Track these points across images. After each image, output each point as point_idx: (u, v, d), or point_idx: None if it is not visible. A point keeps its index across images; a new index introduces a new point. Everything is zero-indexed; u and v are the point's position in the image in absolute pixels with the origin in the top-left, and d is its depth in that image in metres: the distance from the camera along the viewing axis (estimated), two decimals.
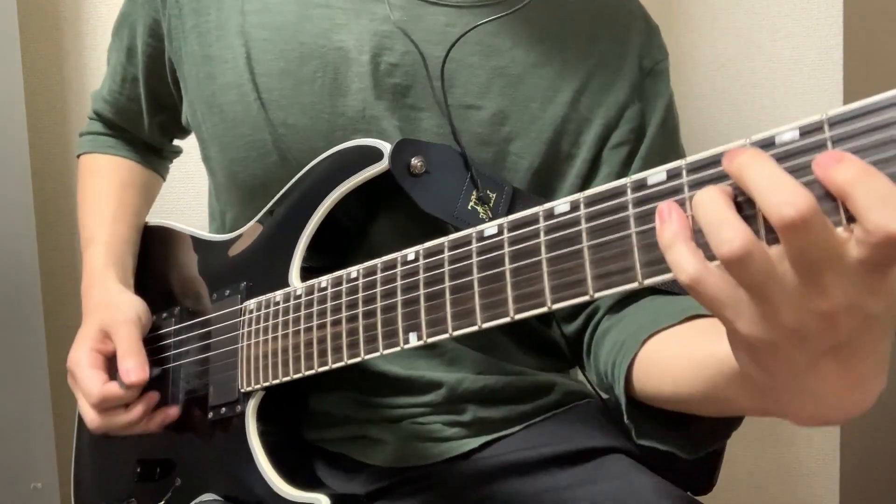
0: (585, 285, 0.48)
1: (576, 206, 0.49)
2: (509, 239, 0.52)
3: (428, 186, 0.68)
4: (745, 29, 1.29)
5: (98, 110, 0.93)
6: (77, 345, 0.76)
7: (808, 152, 0.39)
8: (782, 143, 0.40)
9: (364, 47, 0.72)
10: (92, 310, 0.79)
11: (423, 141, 0.69)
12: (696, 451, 0.59)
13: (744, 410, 0.50)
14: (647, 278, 0.45)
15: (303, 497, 0.66)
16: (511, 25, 0.72)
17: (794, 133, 0.40)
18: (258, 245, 0.75)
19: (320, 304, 0.65)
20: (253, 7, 0.74)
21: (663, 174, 0.45)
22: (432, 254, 0.57)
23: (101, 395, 0.71)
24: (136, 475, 0.79)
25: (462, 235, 0.56)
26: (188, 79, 0.77)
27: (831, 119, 0.39)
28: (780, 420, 0.41)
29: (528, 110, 0.74)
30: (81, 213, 0.89)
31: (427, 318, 0.57)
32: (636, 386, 0.61)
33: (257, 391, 0.70)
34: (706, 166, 0.43)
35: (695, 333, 0.58)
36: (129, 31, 0.84)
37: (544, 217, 0.51)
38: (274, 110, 0.72)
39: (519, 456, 0.73)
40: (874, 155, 0.37)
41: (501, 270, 0.52)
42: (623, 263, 0.46)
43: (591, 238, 0.48)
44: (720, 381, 0.48)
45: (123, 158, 0.92)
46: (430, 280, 0.57)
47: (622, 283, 0.46)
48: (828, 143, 0.39)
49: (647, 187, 0.45)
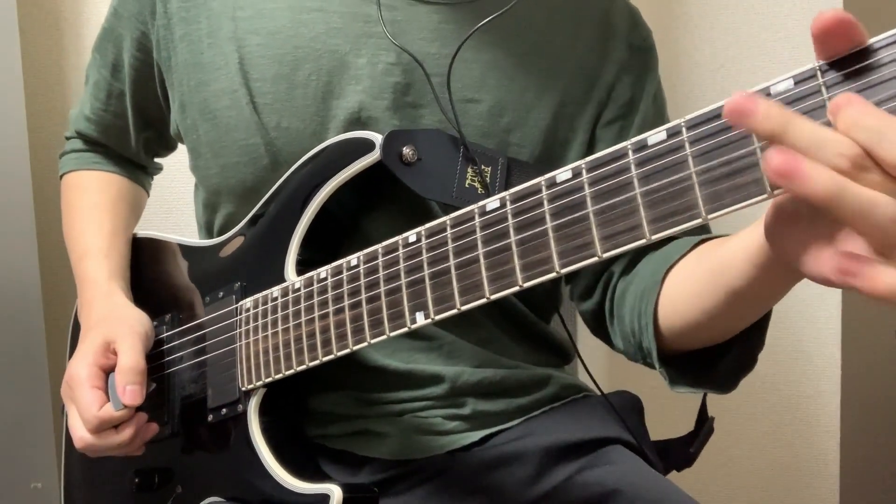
0: (593, 247, 0.48)
1: (577, 172, 0.50)
2: (513, 211, 0.53)
3: (423, 173, 0.68)
4: (745, 29, 1.29)
5: (81, 130, 0.90)
6: (79, 358, 0.73)
7: (808, 98, 0.40)
8: (777, 94, 0.42)
9: (361, 50, 0.72)
10: (96, 322, 0.77)
11: (412, 129, 0.70)
12: (728, 387, 0.64)
13: (763, 292, 0.55)
14: (655, 234, 0.46)
15: (314, 489, 0.66)
16: (500, 18, 0.72)
17: (789, 83, 0.41)
18: (250, 245, 0.75)
19: (321, 294, 0.65)
20: (245, 14, 0.74)
21: (663, 133, 0.46)
22: (434, 233, 0.58)
23: (98, 420, 0.70)
24: (134, 486, 0.78)
25: (464, 212, 0.56)
26: (178, 88, 0.77)
27: (822, 66, 0.40)
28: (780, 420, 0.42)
29: (525, 100, 0.75)
30: (72, 228, 0.87)
31: (433, 295, 0.57)
32: (664, 325, 0.64)
33: (258, 388, 0.70)
34: (706, 122, 0.44)
35: (706, 250, 0.63)
36: (114, 47, 0.83)
37: (547, 186, 0.51)
38: (267, 114, 0.72)
39: (519, 448, 0.74)
40: (870, 97, 0.38)
41: (507, 242, 0.53)
42: (630, 222, 0.47)
43: (595, 202, 0.49)
44: (742, 272, 0.54)
45: (111, 173, 0.90)
46: (433, 259, 0.57)
47: (631, 241, 0.47)
48: (822, 89, 0.40)
49: (647, 147, 0.47)
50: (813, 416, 1.37)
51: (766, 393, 1.37)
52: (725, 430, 1.42)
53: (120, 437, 0.71)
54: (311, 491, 0.65)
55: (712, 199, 0.44)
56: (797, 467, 1.38)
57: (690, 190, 0.45)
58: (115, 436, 0.71)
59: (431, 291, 0.57)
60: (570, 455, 0.74)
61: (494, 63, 0.74)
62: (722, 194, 0.43)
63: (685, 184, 0.45)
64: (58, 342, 1.22)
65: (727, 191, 0.43)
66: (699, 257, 0.63)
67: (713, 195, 0.44)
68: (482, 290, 0.54)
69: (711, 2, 1.29)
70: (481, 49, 0.74)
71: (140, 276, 0.85)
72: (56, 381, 1.19)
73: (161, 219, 1.23)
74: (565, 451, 0.74)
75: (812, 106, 0.40)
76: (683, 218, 0.45)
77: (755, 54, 1.28)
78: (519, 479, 0.73)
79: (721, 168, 0.43)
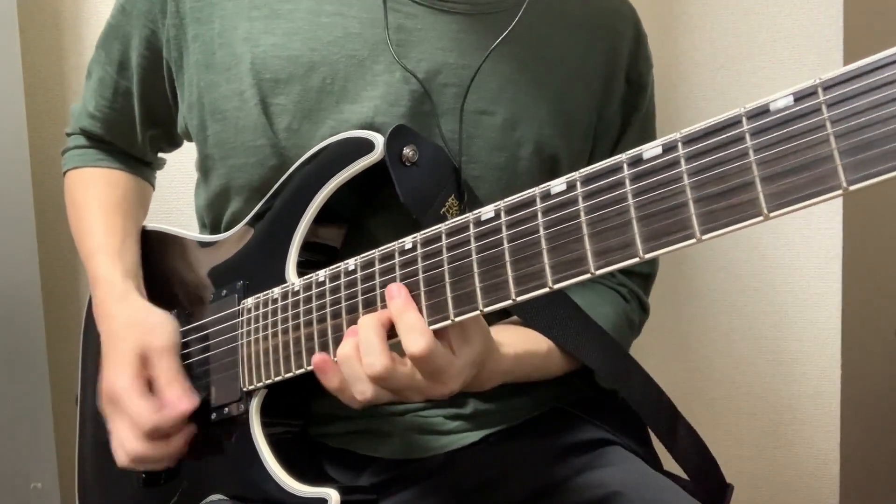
0: (586, 263, 0.48)
1: (572, 185, 0.49)
2: (507, 222, 0.53)
3: (412, 179, 0.68)
4: (745, 29, 1.29)
5: (85, 127, 0.89)
6: (118, 371, 0.73)
7: (804, 118, 0.40)
8: (777, 111, 0.41)
9: (379, 56, 0.72)
10: (121, 329, 0.76)
11: (420, 134, 0.70)
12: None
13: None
14: (649, 253, 0.45)
15: (312, 492, 0.66)
16: (519, 33, 0.72)
17: (789, 99, 0.41)
18: (253, 243, 0.75)
19: (319, 298, 0.65)
20: (261, 13, 0.73)
21: (659, 148, 0.45)
22: (430, 241, 0.58)
23: (155, 424, 0.70)
24: (141, 480, 0.79)
25: (459, 221, 0.56)
26: (188, 87, 0.77)
27: (825, 83, 0.39)
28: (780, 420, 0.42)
29: (538, 116, 0.75)
30: (80, 226, 0.86)
31: (427, 304, 0.57)
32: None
33: (260, 389, 0.70)
34: (700, 138, 0.44)
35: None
36: (121, 44, 0.82)
37: (541, 198, 0.51)
38: (277, 115, 0.71)
39: (521, 448, 0.74)
40: (869, 114, 0.38)
41: (500, 252, 0.53)
42: (623, 238, 0.46)
43: (589, 215, 0.48)
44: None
45: (117, 170, 0.90)
46: (428, 267, 0.57)
47: (624, 258, 0.47)
48: (822, 108, 0.39)
49: (643, 162, 0.46)
50: (813, 416, 1.37)
51: (766, 393, 1.37)
52: (725, 429, 1.42)
53: (170, 447, 0.72)
54: (308, 494, 0.66)
55: (707, 218, 0.43)
56: (797, 467, 1.38)
57: (685, 208, 0.44)
58: (166, 446, 0.71)
59: (426, 300, 0.57)
60: (571, 455, 0.74)
61: (511, 77, 0.74)
62: (717, 214, 0.43)
63: (679, 200, 0.44)
64: (58, 342, 1.22)
65: (722, 210, 0.42)
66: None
67: (708, 214, 0.43)
68: (475, 302, 0.54)
69: (711, 2, 1.29)
70: (500, 61, 0.73)
71: (149, 270, 0.85)
72: (56, 381, 1.19)
73: (161, 219, 1.22)
74: (566, 451, 0.74)
75: (811, 126, 0.40)
76: (677, 238, 0.44)
77: (755, 54, 1.28)
78: (518, 479, 0.73)
79: (716, 185, 0.43)
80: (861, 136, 0.38)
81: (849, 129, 0.39)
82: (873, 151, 0.38)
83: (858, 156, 0.38)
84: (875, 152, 0.38)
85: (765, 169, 0.41)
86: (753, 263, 1.34)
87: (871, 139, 0.38)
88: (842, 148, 0.39)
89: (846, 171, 0.39)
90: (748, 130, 0.42)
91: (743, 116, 0.43)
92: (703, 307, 1.36)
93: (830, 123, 0.39)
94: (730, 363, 1.37)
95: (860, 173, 0.38)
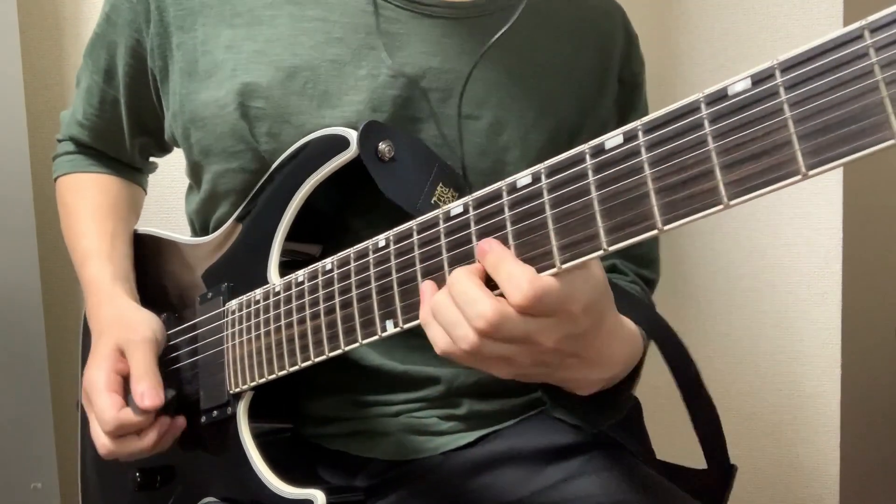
0: (552, 257, 0.48)
1: (537, 177, 0.49)
2: (475, 217, 0.52)
3: (394, 174, 0.68)
4: (745, 29, 1.29)
5: (74, 135, 0.89)
6: (94, 365, 0.74)
7: (762, 101, 0.39)
8: (735, 94, 0.41)
9: (362, 61, 0.71)
10: (105, 328, 0.76)
11: (391, 127, 0.69)
12: (593, 424, 0.70)
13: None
14: (612, 245, 0.45)
15: (298, 494, 0.66)
16: (505, 37, 0.72)
17: (747, 82, 0.40)
18: (236, 245, 0.75)
19: (298, 299, 0.65)
20: (243, 20, 0.73)
21: (620, 137, 0.45)
22: (402, 238, 0.57)
23: (117, 422, 0.70)
24: (136, 484, 0.79)
25: (430, 217, 0.56)
26: (172, 96, 0.76)
27: (782, 64, 0.39)
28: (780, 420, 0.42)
29: (525, 121, 0.75)
30: (72, 232, 0.86)
31: (402, 303, 0.56)
32: None
33: (246, 391, 0.70)
34: (661, 126, 0.44)
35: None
36: (107, 53, 0.82)
37: (507, 192, 0.51)
38: (257, 120, 0.71)
39: (513, 449, 0.74)
40: (827, 96, 0.37)
41: (469, 248, 0.52)
42: (588, 231, 0.46)
43: (553, 208, 0.48)
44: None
45: (108, 175, 0.90)
46: (401, 265, 0.57)
47: (589, 251, 0.46)
48: (780, 90, 0.39)
49: (604, 152, 0.46)
50: (813, 416, 1.37)
51: (766, 393, 1.37)
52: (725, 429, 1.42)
53: (142, 442, 0.71)
54: (295, 496, 0.66)
55: (668, 208, 0.43)
56: (797, 467, 1.38)
57: (646, 198, 0.44)
58: (137, 442, 0.71)
59: (400, 300, 0.56)
60: (562, 457, 0.73)
61: (498, 81, 0.74)
62: (678, 204, 0.42)
63: (640, 191, 0.44)
64: (58, 342, 1.22)
65: (682, 200, 0.42)
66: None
67: (669, 205, 0.43)
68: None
69: (711, 2, 1.29)
70: (486, 66, 0.73)
71: (140, 273, 0.85)
72: (56, 381, 1.19)
73: (161, 219, 1.23)
74: (558, 454, 0.73)
75: (769, 110, 0.39)
76: (639, 229, 0.44)
77: (755, 54, 1.28)
78: (510, 479, 0.72)
79: (677, 175, 0.42)
80: (819, 120, 0.37)
81: (807, 113, 0.38)
82: (831, 135, 0.37)
83: (817, 140, 0.38)
84: (833, 136, 0.37)
85: (724, 157, 0.41)
86: (753, 263, 1.34)
87: (828, 122, 0.37)
88: (800, 133, 0.38)
89: (805, 156, 0.38)
90: (707, 116, 0.42)
91: (702, 102, 0.42)
92: (702, 307, 1.36)
93: (788, 107, 0.38)
94: (730, 363, 1.37)
95: (818, 157, 0.38)
